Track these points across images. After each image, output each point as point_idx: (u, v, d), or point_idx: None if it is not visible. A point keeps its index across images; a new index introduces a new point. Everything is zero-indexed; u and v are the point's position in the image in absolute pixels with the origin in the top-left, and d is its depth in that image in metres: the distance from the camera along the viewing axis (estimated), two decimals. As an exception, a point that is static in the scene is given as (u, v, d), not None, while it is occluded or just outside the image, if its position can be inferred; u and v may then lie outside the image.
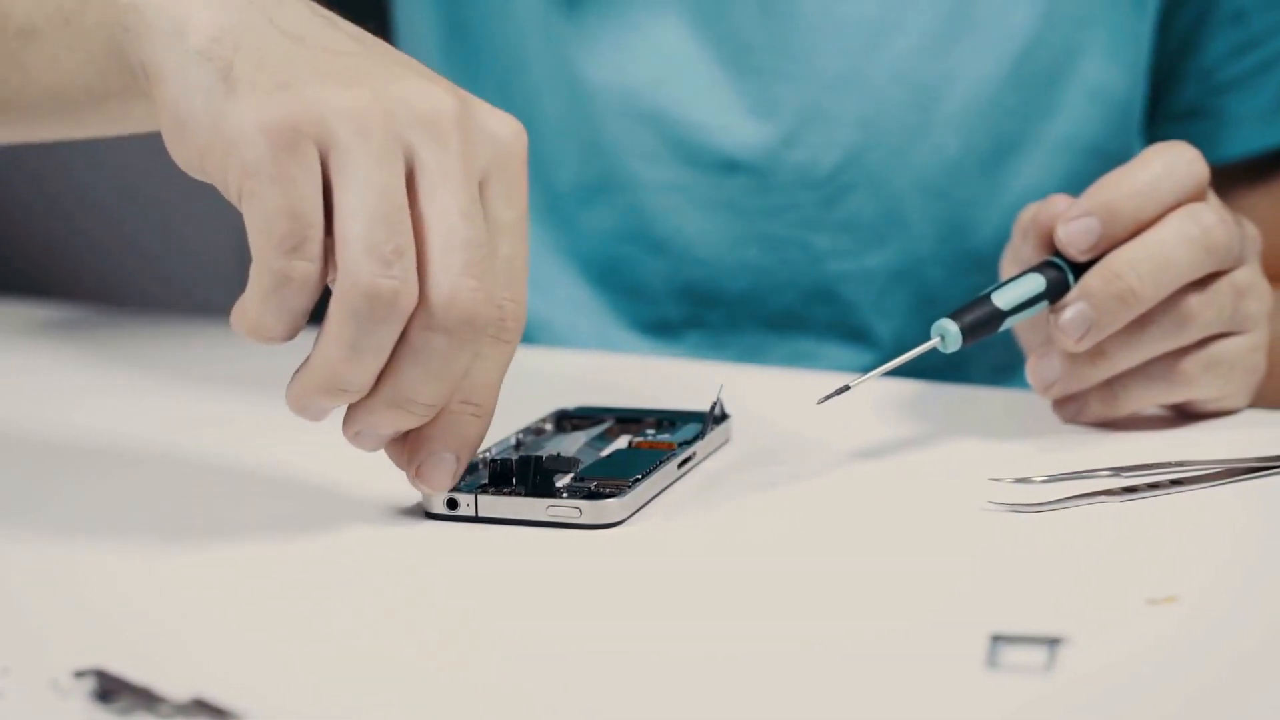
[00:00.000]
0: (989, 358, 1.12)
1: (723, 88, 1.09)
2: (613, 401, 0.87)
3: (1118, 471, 0.76)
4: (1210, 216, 0.80)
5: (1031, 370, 0.83)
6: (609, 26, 1.10)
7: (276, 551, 0.71)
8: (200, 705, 0.55)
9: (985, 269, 1.10)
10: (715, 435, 0.82)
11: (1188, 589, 0.63)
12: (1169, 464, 0.76)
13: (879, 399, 0.91)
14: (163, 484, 0.81)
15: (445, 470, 0.70)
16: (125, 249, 1.52)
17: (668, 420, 0.83)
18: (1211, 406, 0.85)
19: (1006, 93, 1.08)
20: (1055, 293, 0.81)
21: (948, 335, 0.79)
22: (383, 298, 0.65)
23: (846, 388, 0.77)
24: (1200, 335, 0.82)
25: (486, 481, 0.73)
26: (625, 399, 0.88)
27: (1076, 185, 1.10)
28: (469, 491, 0.73)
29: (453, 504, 0.73)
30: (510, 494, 0.72)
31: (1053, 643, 0.58)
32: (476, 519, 0.73)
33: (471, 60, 1.15)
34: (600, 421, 0.84)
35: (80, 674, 0.57)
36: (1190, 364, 0.83)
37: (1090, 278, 0.80)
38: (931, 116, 1.08)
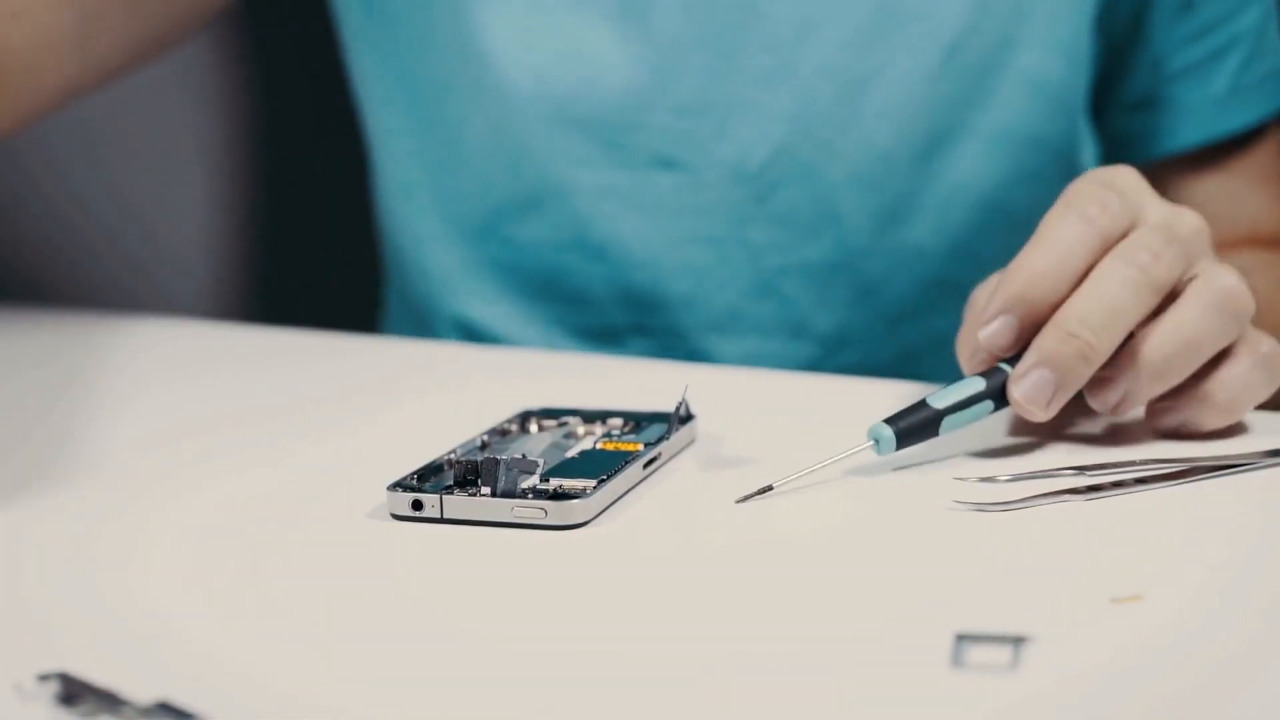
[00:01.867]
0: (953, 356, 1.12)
1: (650, 87, 1.09)
2: (578, 402, 0.87)
3: (1082, 470, 0.76)
4: (1143, 255, 0.78)
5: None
6: (531, 32, 1.09)
7: (241, 555, 0.71)
8: (165, 708, 0.55)
9: (924, 259, 1.11)
10: (681, 436, 0.82)
11: (1152, 588, 0.63)
12: (1133, 463, 0.77)
13: (842, 400, 0.91)
14: (125, 487, 0.80)
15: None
16: (92, 248, 1.51)
17: (633, 421, 0.83)
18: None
19: (938, 84, 1.08)
20: (995, 389, 0.79)
21: (882, 439, 0.78)
22: None
23: (769, 488, 0.75)
24: (1211, 353, 0.80)
25: (451, 483, 0.73)
26: (590, 399, 0.88)
27: (1018, 176, 1.11)
28: (434, 493, 0.72)
29: (418, 505, 0.73)
30: (475, 495, 0.72)
31: (1017, 642, 0.58)
32: (442, 520, 0.72)
33: (392, 77, 1.14)
34: (566, 422, 0.84)
35: (44, 677, 0.57)
36: (1192, 410, 0.81)
37: (1044, 340, 0.78)
38: (861, 108, 1.08)
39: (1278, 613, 0.63)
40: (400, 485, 0.73)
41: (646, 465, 0.78)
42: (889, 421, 0.78)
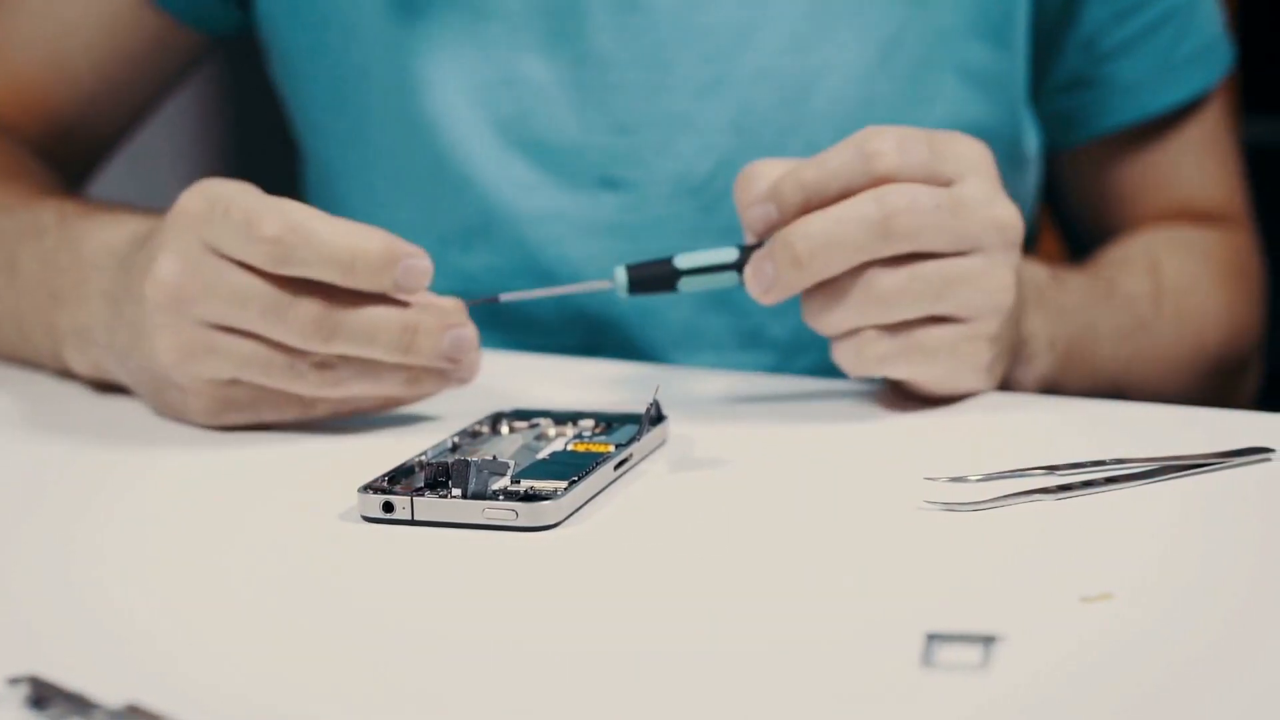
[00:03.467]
0: None
1: (588, 107, 1.08)
2: (549, 404, 0.87)
3: (1052, 470, 0.76)
4: (900, 200, 0.83)
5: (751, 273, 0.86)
6: (466, 61, 1.09)
7: (213, 557, 0.71)
8: (135, 712, 0.54)
9: None
10: (652, 437, 0.82)
11: (1121, 587, 0.64)
12: (1103, 462, 0.77)
13: (814, 400, 0.91)
14: (94, 491, 0.80)
15: None
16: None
17: (604, 422, 0.83)
18: (927, 388, 0.87)
19: (877, 81, 1.08)
20: (739, 268, 0.86)
21: (618, 282, 0.84)
22: None
23: (496, 299, 0.85)
24: (899, 316, 0.84)
25: (422, 485, 0.73)
26: (562, 401, 0.88)
27: None
28: (405, 495, 0.72)
29: (389, 507, 0.73)
30: (446, 497, 0.72)
31: (988, 641, 0.58)
32: (413, 522, 0.72)
33: (330, 112, 1.15)
34: (537, 424, 0.84)
35: (14, 681, 0.57)
36: (886, 345, 0.85)
37: (774, 239, 0.84)
38: (802, 113, 1.08)
39: (1245, 611, 0.63)
40: (371, 487, 0.73)
41: (618, 466, 0.78)
42: (629, 266, 0.84)
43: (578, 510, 0.74)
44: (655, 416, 0.82)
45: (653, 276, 0.84)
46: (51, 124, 1.13)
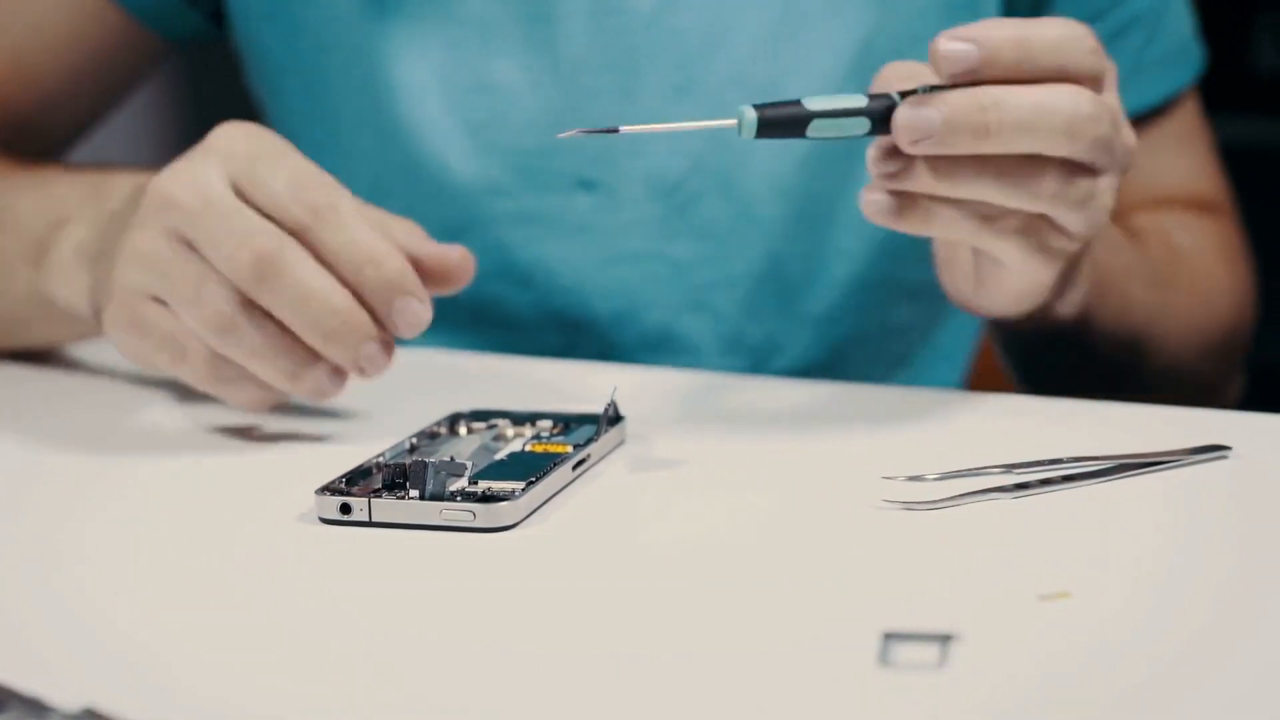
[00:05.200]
0: (881, 354, 1.13)
1: (561, 110, 1.08)
2: (507, 404, 0.87)
3: (1010, 469, 0.76)
4: (1091, 108, 0.79)
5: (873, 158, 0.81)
6: (440, 66, 1.09)
7: (170, 560, 0.71)
8: (91, 715, 0.54)
9: (847, 260, 1.11)
10: (610, 437, 0.82)
11: (1079, 585, 0.64)
12: (1060, 461, 0.77)
13: (773, 401, 0.92)
14: (50, 492, 0.80)
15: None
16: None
17: (562, 422, 0.83)
18: (1000, 278, 0.86)
19: (849, 85, 1.08)
20: (877, 118, 0.79)
21: (744, 122, 0.78)
22: None
23: (616, 129, 0.77)
24: (1039, 210, 0.81)
25: (380, 486, 0.73)
26: (520, 401, 0.88)
27: None
28: (362, 496, 0.72)
29: (346, 509, 0.72)
30: (404, 498, 0.72)
31: (945, 640, 0.58)
32: (370, 524, 0.72)
33: (305, 118, 1.14)
34: (495, 424, 0.83)
35: (-32, 685, 0.56)
36: (1014, 222, 0.82)
37: (958, 93, 0.78)
38: None
39: (1203, 608, 0.63)
40: (328, 489, 0.73)
41: (576, 467, 0.78)
42: (757, 106, 0.78)
43: (536, 511, 0.74)
44: (613, 417, 0.82)
45: (783, 118, 0.78)
46: (8, 121, 1.13)
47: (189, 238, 0.81)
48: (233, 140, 0.83)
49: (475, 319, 1.11)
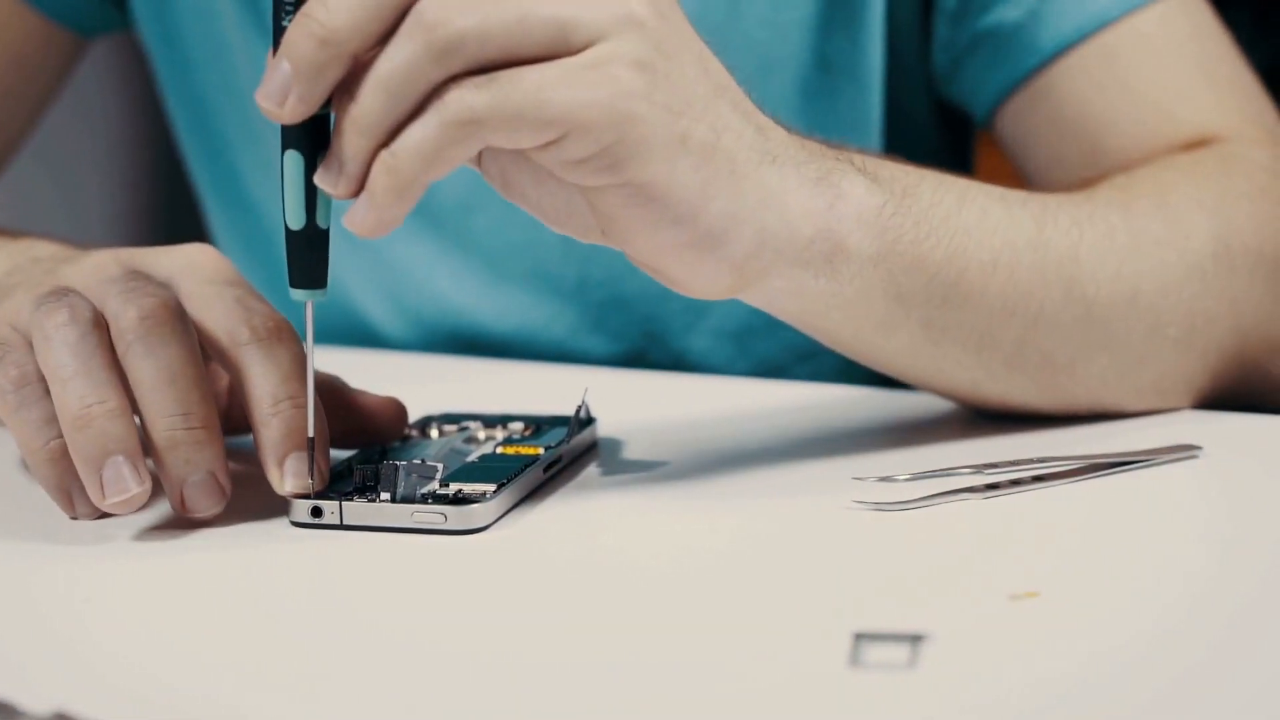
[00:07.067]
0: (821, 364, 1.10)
1: None
2: (478, 406, 0.87)
3: (980, 469, 0.77)
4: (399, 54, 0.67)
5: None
6: None
7: (140, 563, 0.70)
8: (62, 719, 0.54)
9: None
10: (581, 439, 0.82)
11: (1049, 584, 0.64)
12: (1031, 461, 0.77)
13: (742, 400, 0.92)
14: (22, 494, 0.80)
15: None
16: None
17: (534, 424, 0.83)
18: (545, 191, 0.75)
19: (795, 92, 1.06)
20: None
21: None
22: None
23: None
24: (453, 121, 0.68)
25: (351, 489, 0.73)
26: (491, 404, 0.88)
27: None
28: (333, 499, 0.72)
29: (317, 512, 0.72)
30: (375, 501, 0.72)
31: (915, 640, 0.59)
32: (342, 526, 0.72)
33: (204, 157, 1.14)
34: (466, 426, 0.83)
35: (-62, 690, 0.56)
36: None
37: (290, 29, 0.67)
38: None
39: (1173, 607, 0.64)
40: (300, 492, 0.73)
41: (547, 469, 0.78)
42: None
43: (507, 513, 0.74)
44: (584, 419, 0.82)
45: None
46: None
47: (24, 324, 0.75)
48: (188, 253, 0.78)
49: (364, 343, 1.10)
